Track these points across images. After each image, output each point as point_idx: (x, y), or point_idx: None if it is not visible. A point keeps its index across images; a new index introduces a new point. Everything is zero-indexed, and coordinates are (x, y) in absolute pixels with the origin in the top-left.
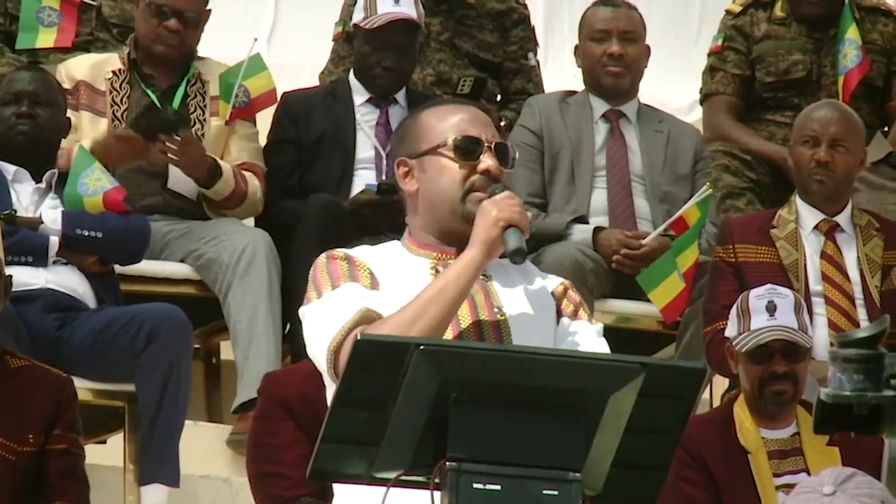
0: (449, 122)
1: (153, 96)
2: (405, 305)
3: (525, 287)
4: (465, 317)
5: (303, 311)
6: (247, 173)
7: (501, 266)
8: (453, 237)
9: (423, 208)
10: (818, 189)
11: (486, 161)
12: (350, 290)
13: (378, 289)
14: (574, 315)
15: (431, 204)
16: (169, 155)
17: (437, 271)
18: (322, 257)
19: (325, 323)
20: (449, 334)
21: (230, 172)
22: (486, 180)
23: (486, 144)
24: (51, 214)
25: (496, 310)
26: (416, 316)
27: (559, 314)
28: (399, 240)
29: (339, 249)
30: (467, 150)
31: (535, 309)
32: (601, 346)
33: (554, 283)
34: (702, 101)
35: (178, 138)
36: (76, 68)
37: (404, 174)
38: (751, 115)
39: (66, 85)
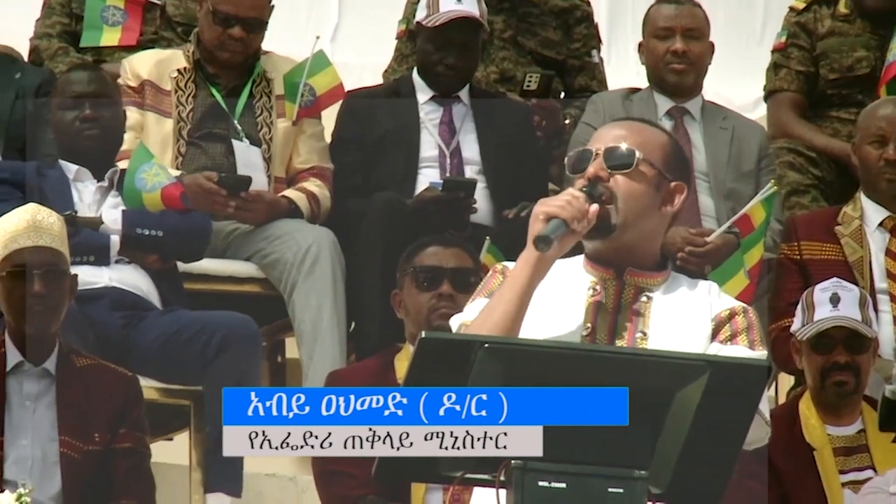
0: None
1: (218, 96)
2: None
3: (686, 310)
4: (601, 339)
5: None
6: (316, 188)
7: (676, 281)
8: (599, 255)
9: None
10: (888, 187)
11: (589, 168)
12: (476, 307)
13: None
14: (729, 340)
15: None
16: (237, 213)
17: (594, 290)
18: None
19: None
20: None
21: (306, 205)
22: (590, 185)
23: (595, 152)
24: (111, 214)
25: (640, 334)
26: (485, 317)
27: (714, 339)
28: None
29: (509, 263)
30: (576, 165)
31: (687, 334)
32: None
33: (723, 306)
34: (766, 98)
35: (243, 197)
36: (141, 66)
37: None
38: (814, 111)
39: (132, 83)
